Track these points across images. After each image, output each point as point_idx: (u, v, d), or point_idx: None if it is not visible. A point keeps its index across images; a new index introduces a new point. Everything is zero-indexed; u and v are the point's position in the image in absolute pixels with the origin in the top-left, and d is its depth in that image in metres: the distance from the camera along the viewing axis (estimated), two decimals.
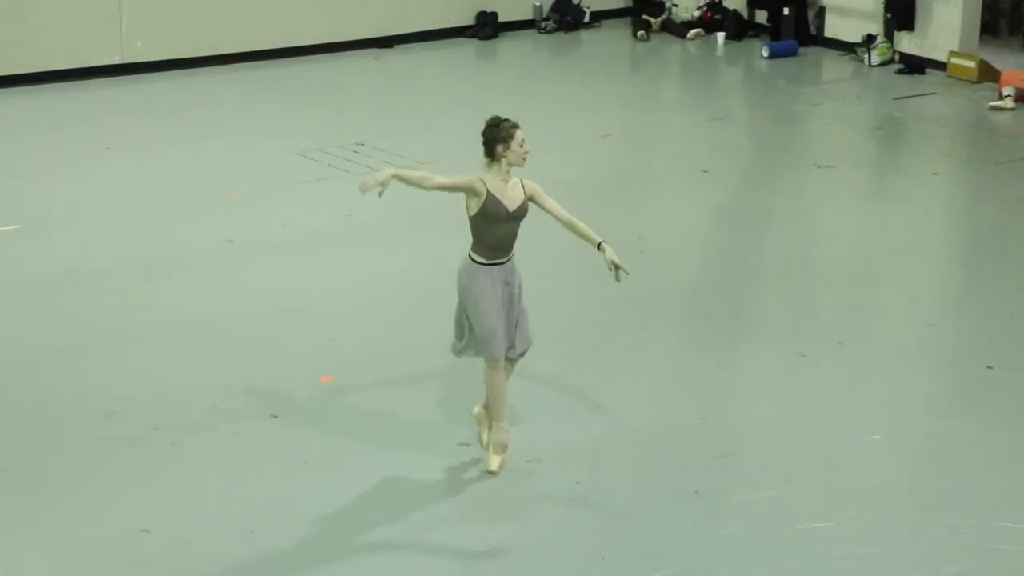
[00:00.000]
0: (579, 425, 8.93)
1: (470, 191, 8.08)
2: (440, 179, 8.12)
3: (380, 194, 7.92)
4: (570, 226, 8.23)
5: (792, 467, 8.49)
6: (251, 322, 10.46)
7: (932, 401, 9.48)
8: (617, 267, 8.16)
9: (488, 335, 8.14)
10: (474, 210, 8.10)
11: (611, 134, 15.21)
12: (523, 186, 8.20)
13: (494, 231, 8.11)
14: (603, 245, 8.18)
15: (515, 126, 8.11)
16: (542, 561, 7.65)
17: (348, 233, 12.29)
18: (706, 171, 14.09)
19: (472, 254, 8.18)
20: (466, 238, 11.78)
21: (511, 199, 8.11)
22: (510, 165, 8.11)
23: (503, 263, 8.18)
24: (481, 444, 8.47)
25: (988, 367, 9.79)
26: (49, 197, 13.13)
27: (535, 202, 8.20)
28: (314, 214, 12.75)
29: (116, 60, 17.15)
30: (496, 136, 8.10)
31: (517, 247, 8.24)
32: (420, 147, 14.50)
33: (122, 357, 9.90)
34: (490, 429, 8.39)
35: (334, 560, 7.62)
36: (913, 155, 15.10)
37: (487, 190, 8.07)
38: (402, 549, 7.69)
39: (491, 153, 8.11)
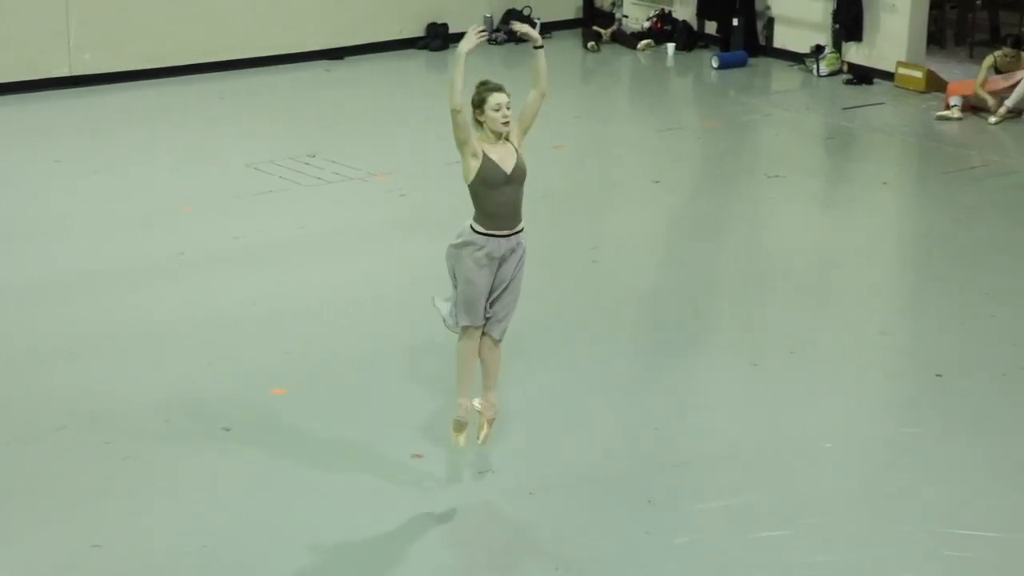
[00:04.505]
0: (531, 435, 8.92)
1: (468, 147, 7.81)
2: (460, 97, 7.82)
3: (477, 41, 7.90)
4: (541, 79, 8.10)
5: (746, 476, 8.52)
6: (204, 335, 10.40)
7: (884, 409, 9.54)
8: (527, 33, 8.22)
9: (469, 303, 7.95)
10: (471, 176, 7.86)
11: (564, 144, 15.24)
12: (513, 145, 7.97)
13: (494, 197, 7.86)
14: (534, 47, 8.19)
15: (491, 89, 7.89)
16: (493, 572, 7.64)
17: (300, 245, 12.27)
18: (658, 181, 14.14)
19: (473, 223, 7.93)
20: (420, 247, 11.80)
21: (506, 160, 7.90)
22: (491, 131, 7.89)
23: (506, 235, 7.92)
24: (480, 439, 8.34)
25: (936, 375, 9.85)
26: None
27: (528, 122, 8.02)
28: (266, 226, 12.71)
29: (64, 72, 17.04)
30: (473, 100, 7.91)
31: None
32: (371, 158, 14.50)
33: (73, 370, 9.83)
34: (489, 420, 8.28)
35: (286, 573, 7.58)
36: (863, 165, 15.20)
37: (483, 153, 7.85)
38: (353, 559, 7.67)
39: (476, 120, 7.93)
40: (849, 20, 18.06)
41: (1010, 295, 11.30)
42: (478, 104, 7.91)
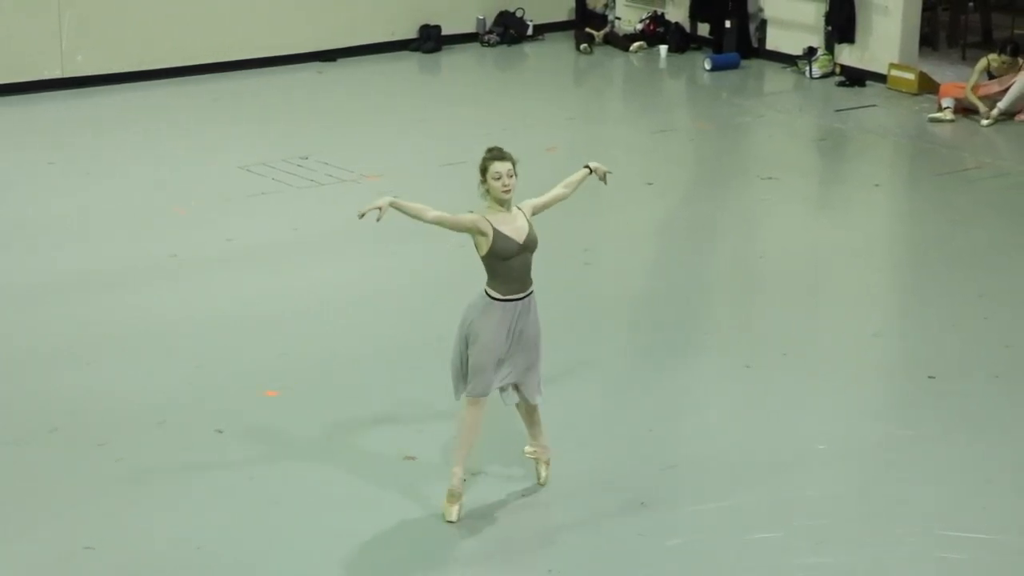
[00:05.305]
0: (524, 437, 8.91)
1: (476, 232, 7.74)
2: (439, 213, 7.73)
3: (378, 219, 7.67)
4: (571, 188, 8.24)
5: (740, 477, 8.52)
6: (200, 337, 10.39)
7: (877, 411, 9.54)
8: (605, 173, 8.37)
9: (480, 368, 7.82)
10: (484, 250, 7.76)
11: (557, 146, 15.24)
12: (523, 211, 7.91)
13: (509, 265, 7.79)
14: (591, 168, 8.32)
15: (495, 158, 7.77)
16: (487, 574, 7.63)
17: (294, 246, 12.26)
18: (651, 183, 14.14)
19: (488, 289, 7.85)
20: (414, 248, 11.80)
21: (518, 230, 7.82)
22: (495, 200, 7.79)
23: (521, 298, 7.86)
24: (540, 481, 8.32)
25: (930, 377, 9.86)
26: None
27: (540, 211, 8.00)
28: (259, 228, 12.71)
29: (56, 74, 17.02)
30: (479, 167, 7.81)
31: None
32: (364, 160, 14.50)
33: (67, 372, 9.82)
34: (545, 462, 8.31)
35: (279, 574, 7.58)
36: (856, 166, 15.22)
37: (493, 228, 7.74)
38: (346, 561, 7.65)
39: (483, 187, 7.83)
40: (842, 22, 18.09)
41: (1004, 297, 11.30)
42: (482, 171, 7.81)
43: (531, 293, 7.95)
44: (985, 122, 16.14)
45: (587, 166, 8.36)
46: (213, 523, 7.97)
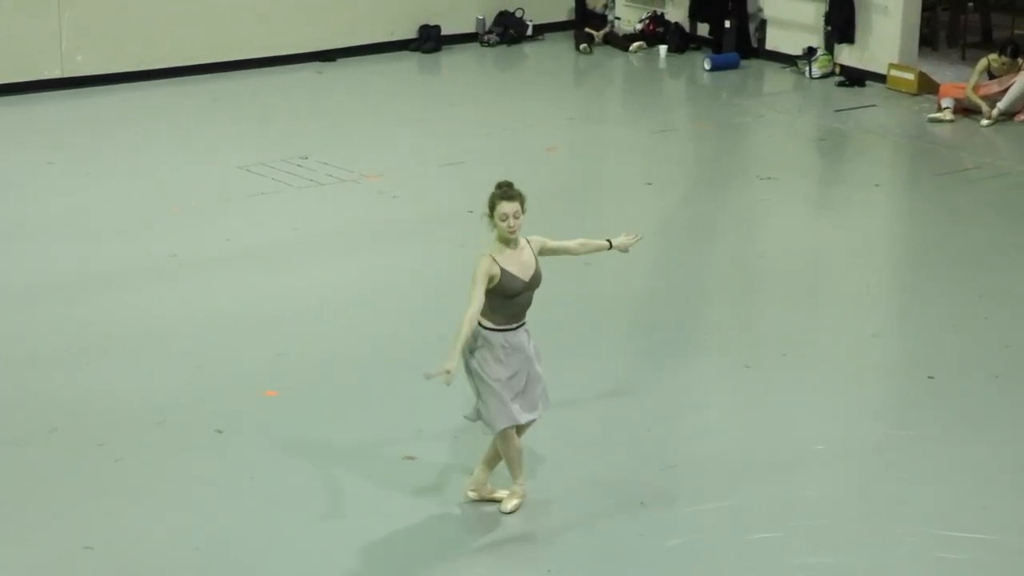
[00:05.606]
0: (524, 437, 8.91)
1: (489, 279, 7.65)
2: (475, 300, 7.57)
3: (448, 383, 7.49)
4: (585, 249, 8.20)
5: (739, 478, 8.52)
6: (199, 337, 10.39)
7: (877, 411, 9.54)
8: (630, 243, 8.39)
9: (495, 404, 7.78)
10: (490, 287, 7.68)
11: (556, 146, 15.24)
12: (531, 246, 7.85)
13: (511, 302, 7.74)
14: (613, 244, 8.30)
15: (503, 196, 7.67)
16: (486, 574, 7.63)
17: (294, 246, 12.26)
18: (650, 183, 14.14)
19: (481, 320, 7.73)
20: (413, 248, 11.79)
21: (524, 266, 7.75)
22: (499, 238, 7.71)
23: (514, 328, 7.80)
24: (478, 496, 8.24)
25: (929, 377, 9.85)
26: None
27: (546, 255, 7.91)
28: (259, 228, 12.71)
29: (56, 74, 17.03)
30: (488, 202, 7.70)
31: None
32: (364, 160, 14.50)
33: (67, 372, 9.82)
34: (488, 489, 8.20)
35: (279, 574, 7.58)
36: (855, 166, 15.22)
37: (500, 267, 7.67)
38: (344, 562, 7.65)
39: (491, 221, 7.74)
40: (841, 22, 18.09)
41: (1004, 297, 11.30)
42: (490, 207, 7.72)
43: (524, 325, 7.88)
44: (985, 122, 16.15)
45: (609, 242, 8.34)
46: (213, 523, 7.97)
